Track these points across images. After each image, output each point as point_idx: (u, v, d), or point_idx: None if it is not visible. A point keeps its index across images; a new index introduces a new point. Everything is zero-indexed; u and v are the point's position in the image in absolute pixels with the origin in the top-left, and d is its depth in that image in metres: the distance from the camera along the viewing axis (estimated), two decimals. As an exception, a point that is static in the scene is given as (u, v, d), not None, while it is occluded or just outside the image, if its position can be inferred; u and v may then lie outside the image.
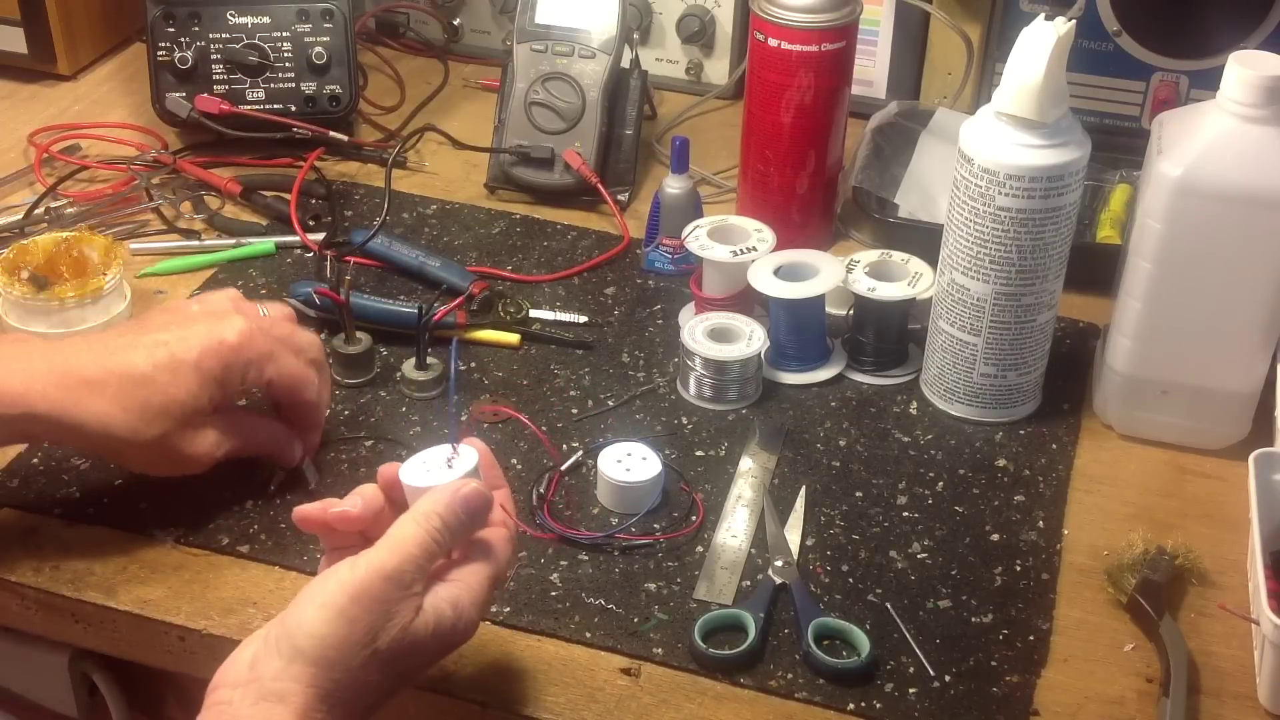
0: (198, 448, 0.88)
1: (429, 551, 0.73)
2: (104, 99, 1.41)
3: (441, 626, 0.73)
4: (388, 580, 0.71)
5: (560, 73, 1.26)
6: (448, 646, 0.75)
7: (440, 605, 0.73)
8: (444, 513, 0.74)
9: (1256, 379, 0.99)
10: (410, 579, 0.71)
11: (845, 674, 0.84)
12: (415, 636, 0.71)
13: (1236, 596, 0.90)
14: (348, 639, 0.69)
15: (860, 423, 1.04)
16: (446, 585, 0.74)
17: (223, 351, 0.87)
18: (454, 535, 0.74)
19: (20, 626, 0.92)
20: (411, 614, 0.71)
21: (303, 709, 0.68)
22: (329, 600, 0.70)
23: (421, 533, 0.73)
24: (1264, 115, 0.91)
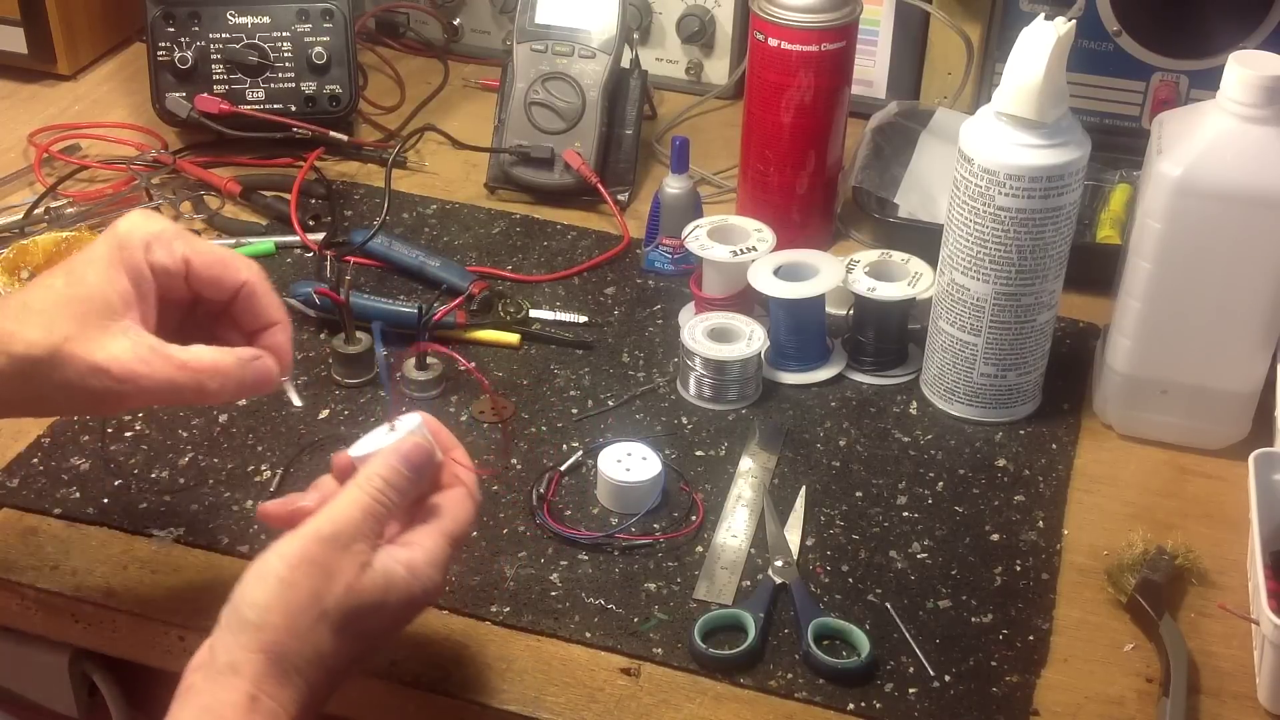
0: (110, 350, 0.74)
1: (370, 511, 0.73)
2: (104, 99, 1.41)
3: (396, 585, 0.72)
4: (324, 542, 0.71)
5: (560, 73, 1.26)
6: (410, 607, 0.74)
7: (391, 565, 0.73)
8: (384, 472, 0.74)
9: (1256, 379, 0.99)
10: (349, 539, 0.71)
11: (845, 674, 0.84)
12: (365, 596, 0.71)
13: (1236, 596, 0.90)
14: (291, 603, 0.70)
15: (860, 423, 1.04)
16: (399, 547, 0.74)
17: (114, 235, 0.77)
18: (399, 492, 0.74)
19: (20, 626, 0.92)
20: (355, 572, 0.71)
21: (256, 676, 0.69)
22: (269, 570, 0.70)
23: (361, 494, 0.73)
24: (1264, 115, 0.91)
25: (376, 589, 0.72)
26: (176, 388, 0.76)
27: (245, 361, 0.78)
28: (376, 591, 0.72)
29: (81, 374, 0.74)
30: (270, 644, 0.69)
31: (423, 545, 0.74)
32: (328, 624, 0.70)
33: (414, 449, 0.75)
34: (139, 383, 0.75)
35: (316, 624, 0.70)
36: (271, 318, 0.81)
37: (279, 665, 0.69)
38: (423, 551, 0.74)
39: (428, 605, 0.76)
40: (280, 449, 0.99)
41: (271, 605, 0.70)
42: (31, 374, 0.75)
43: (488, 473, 0.84)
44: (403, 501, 0.75)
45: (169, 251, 0.77)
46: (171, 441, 1.00)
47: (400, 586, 0.73)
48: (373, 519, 0.73)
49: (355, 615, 0.71)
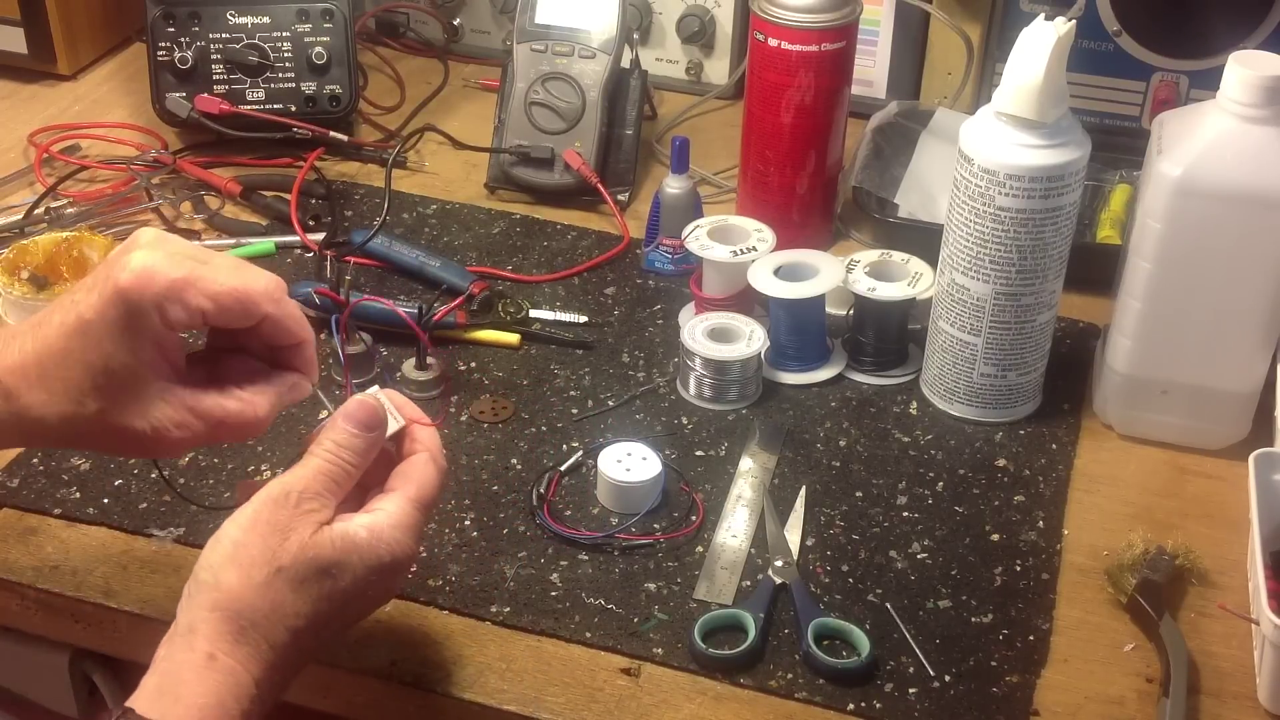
0: (151, 422, 0.74)
1: (323, 471, 0.74)
2: (104, 99, 1.41)
3: (357, 543, 0.73)
4: (275, 502, 0.72)
5: (560, 73, 1.26)
6: (380, 571, 0.74)
7: (350, 526, 0.73)
8: (333, 434, 0.75)
9: (1256, 379, 0.99)
10: (299, 498, 0.72)
11: (845, 674, 0.84)
12: (322, 552, 0.71)
13: (1236, 596, 0.90)
14: (243, 560, 0.70)
15: (860, 423, 1.04)
16: (362, 513, 0.75)
17: (124, 299, 0.72)
18: (352, 450, 0.75)
19: (20, 626, 0.92)
20: (311, 530, 0.72)
21: (212, 634, 0.69)
22: (223, 535, 0.72)
23: (313, 458, 0.74)
24: (1264, 115, 0.91)
25: (334, 547, 0.72)
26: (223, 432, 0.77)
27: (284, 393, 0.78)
28: (334, 549, 0.72)
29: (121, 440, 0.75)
30: (224, 602, 0.70)
31: (385, 509, 0.75)
32: (284, 580, 0.71)
33: (358, 407, 0.76)
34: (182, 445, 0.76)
35: (271, 580, 0.70)
36: (296, 337, 0.78)
37: (234, 622, 0.70)
38: (385, 515, 0.74)
39: (400, 572, 0.76)
40: (280, 449, 0.99)
41: (225, 565, 0.70)
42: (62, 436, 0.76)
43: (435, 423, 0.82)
44: (357, 459, 0.75)
45: (185, 308, 0.73)
46: (171, 441, 1.00)
47: (362, 547, 0.73)
48: (324, 477, 0.74)
49: (314, 572, 0.71)
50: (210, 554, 0.71)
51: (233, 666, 0.69)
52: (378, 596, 0.77)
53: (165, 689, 0.69)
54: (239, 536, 0.71)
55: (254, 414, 0.77)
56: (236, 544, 0.71)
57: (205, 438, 0.76)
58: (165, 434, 0.75)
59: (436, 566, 0.91)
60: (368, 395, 0.78)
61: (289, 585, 0.71)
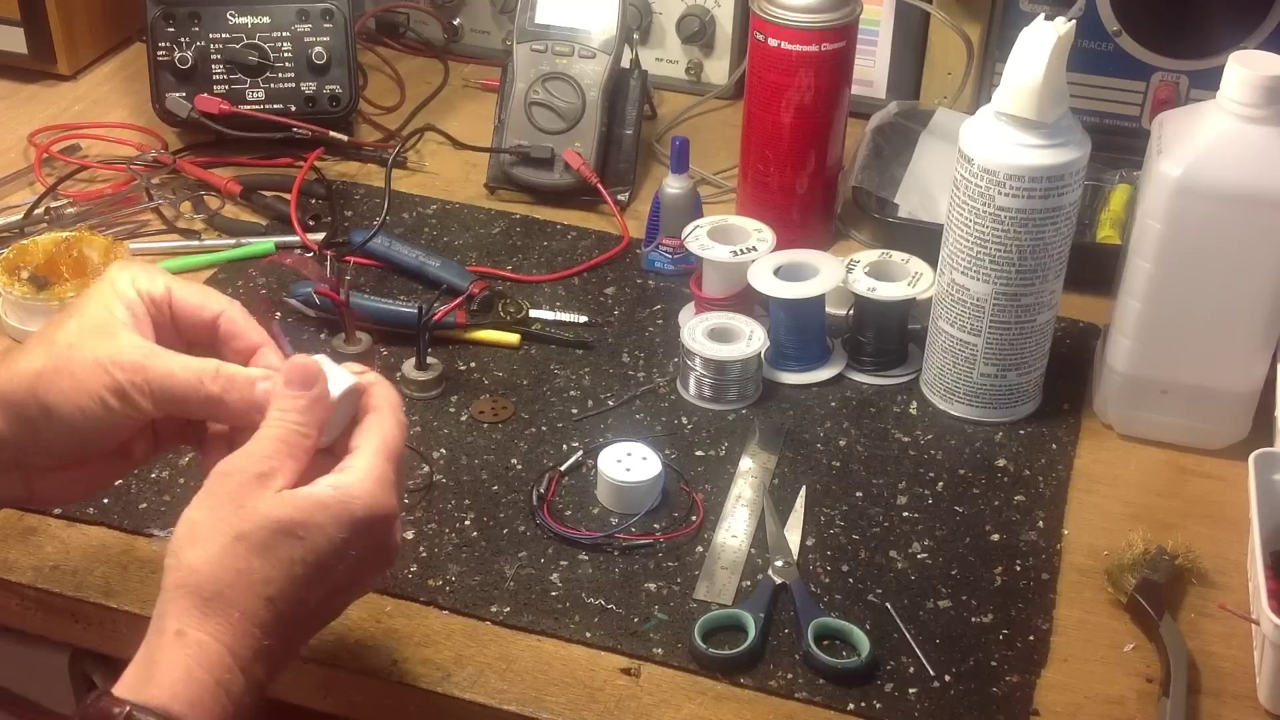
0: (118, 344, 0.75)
1: (270, 435, 0.73)
2: (104, 99, 1.41)
3: (323, 502, 0.71)
4: (221, 474, 0.71)
5: (560, 73, 1.26)
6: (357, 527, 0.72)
7: (315, 487, 0.72)
8: (275, 401, 0.74)
9: (1256, 379, 0.99)
10: (251, 464, 0.71)
11: (845, 674, 0.84)
12: (282, 514, 0.70)
13: (1236, 596, 0.90)
14: (201, 535, 0.70)
15: (860, 423, 1.04)
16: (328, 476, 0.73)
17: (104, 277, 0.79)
18: (297, 410, 0.73)
19: (20, 626, 0.92)
20: (269, 494, 0.71)
21: (179, 612, 0.69)
22: (181, 519, 0.71)
23: (262, 428, 0.73)
24: (1264, 115, 0.91)
25: (297, 508, 0.71)
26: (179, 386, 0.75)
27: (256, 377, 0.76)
28: (297, 509, 0.71)
29: (89, 371, 0.74)
30: (185, 579, 0.70)
31: (352, 465, 0.73)
32: (246, 547, 0.70)
33: (292, 368, 0.74)
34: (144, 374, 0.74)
35: (231, 547, 0.70)
36: (254, 340, 0.80)
37: (198, 596, 0.69)
38: (352, 472, 0.73)
39: (381, 527, 0.73)
40: (280, 449, 0.99)
41: (182, 544, 0.70)
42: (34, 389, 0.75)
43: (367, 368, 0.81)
44: (305, 418, 0.74)
45: (151, 280, 0.79)
46: (171, 441, 1.00)
47: (330, 504, 0.71)
48: (274, 441, 0.72)
49: (277, 535, 0.70)
50: (173, 539, 0.71)
51: (201, 639, 0.69)
52: (369, 556, 0.74)
53: (140, 672, 0.69)
54: (194, 514, 0.71)
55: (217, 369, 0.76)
56: (193, 522, 0.71)
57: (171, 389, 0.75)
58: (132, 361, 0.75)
59: (436, 566, 0.91)
60: (303, 355, 0.76)
61: (253, 551, 0.70)
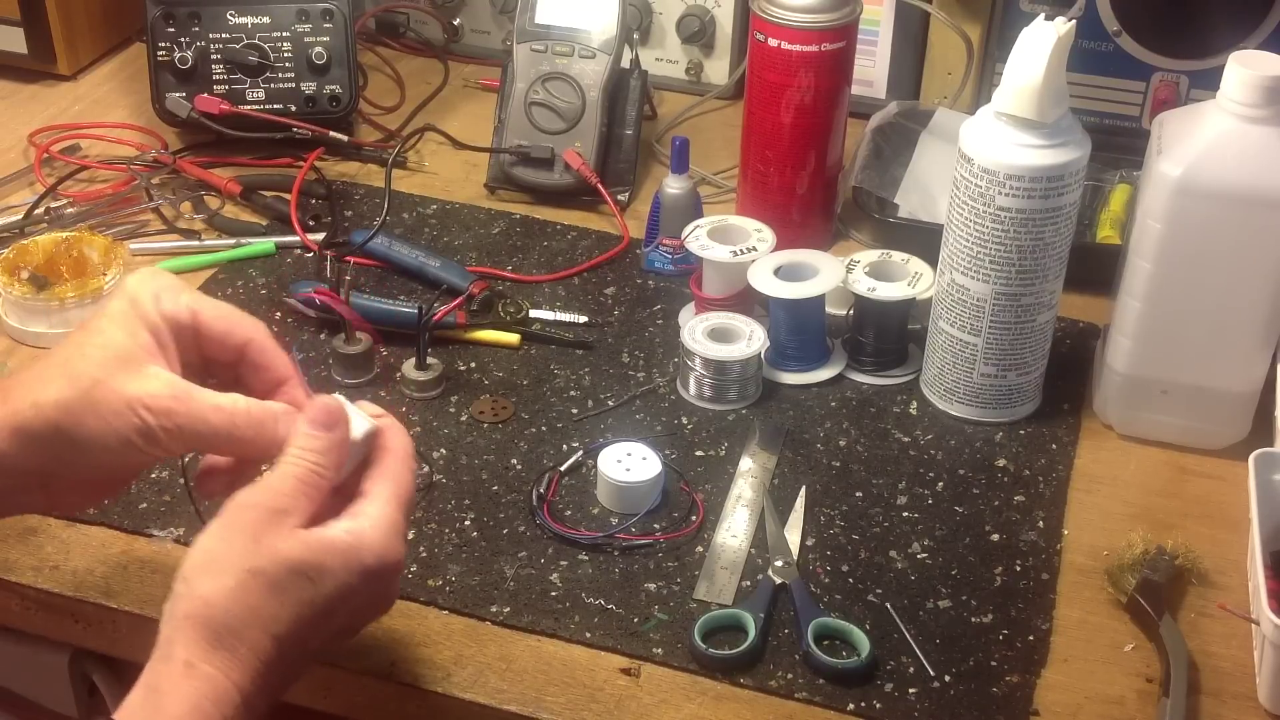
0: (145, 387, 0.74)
1: (290, 473, 0.72)
2: (104, 99, 1.41)
3: (336, 546, 0.71)
4: (243, 507, 0.71)
5: (560, 73, 1.26)
6: (365, 575, 0.72)
7: (328, 530, 0.72)
8: (298, 440, 0.74)
9: (1256, 379, 0.99)
10: (269, 501, 0.71)
11: (845, 674, 0.84)
12: (294, 554, 0.70)
13: (1236, 596, 0.90)
14: (215, 568, 0.69)
15: (860, 423, 1.04)
16: (341, 519, 0.73)
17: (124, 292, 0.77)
18: (318, 452, 0.73)
19: (20, 626, 0.92)
20: (285, 532, 0.71)
21: (188, 642, 0.69)
22: (196, 543, 0.71)
23: (281, 464, 0.73)
24: (1264, 115, 0.91)
25: (310, 549, 0.71)
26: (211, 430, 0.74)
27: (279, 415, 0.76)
28: (310, 551, 0.71)
29: (117, 412, 0.73)
30: (197, 609, 0.69)
31: (364, 511, 0.74)
32: (259, 584, 0.69)
33: (317, 409, 0.75)
34: (175, 419, 0.73)
35: (246, 583, 0.69)
36: (282, 372, 0.79)
37: (209, 628, 0.69)
38: (366, 518, 0.73)
39: (388, 575, 0.74)
40: (280, 449, 0.99)
41: (197, 572, 0.70)
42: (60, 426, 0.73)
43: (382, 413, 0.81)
44: (326, 460, 0.74)
45: (176, 302, 0.77)
46: (171, 441, 1.00)
47: (341, 548, 0.71)
48: (292, 479, 0.72)
49: (289, 574, 0.70)
50: (184, 563, 0.71)
51: (210, 674, 0.68)
52: (371, 603, 0.75)
53: (146, 701, 0.68)
54: (210, 544, 0.71)
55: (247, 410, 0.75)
56: (208, 551, 0.70)
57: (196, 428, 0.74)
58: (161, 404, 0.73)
59: (436, 566, 0.91)
60: (327, 396, 0.76)
61: (265, 589, 0.70)
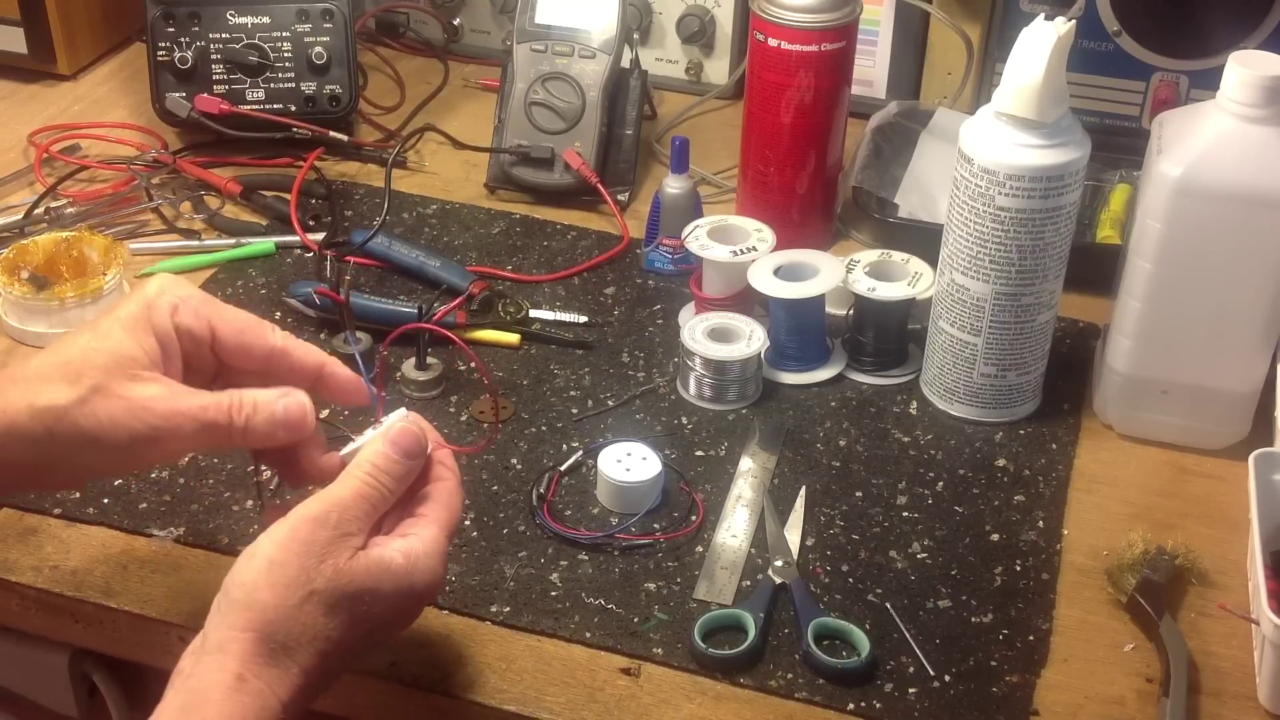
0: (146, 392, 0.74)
1: (364, 495, 0.73)
2: (104, 99, 1.41)
3: (393, 570, 0.72)
4: (313, 522, 0.71)
5: (560, 73, 1.26)
6: (410, 598, 0.74)
7: (386, 552, 0.73)
8: (374, 458, 0.74)
9: (1256, 379, 0.99)
10: (338, 520, 0.71)
11: (845, 674, 0.84)
12: (357, 578, 0.71)
13: (1236, 596, 0.90)
14: (280, 581, 0.70)
15: (860, 423, 1.04)
16: (396, 538, 0.74)
17: (141, 296, 0.77)
18: (391, 476, 0.74)
19: (20, 626, 0.92)
20: (348, 555, 0.71)
21: (243, 655, 0.69)
22: (258, 551, 0.71)
23: (354, 480, 0.73)
24: (1264, 115, 0.91)
25: (370, 573, 0.71)
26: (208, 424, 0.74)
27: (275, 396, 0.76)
28: (370, 575, 0.71)
29: (116, 419, 0.73)
30: (257, 623, 0.69)
31: (420, 535, 0.75)
32: (318, 603, 0.70)
33: (401, 433, 0.75)
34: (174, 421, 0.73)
35: (305, 603, 0.70)
36: (313, 364, 0.79)
37: (266, 644, 0.69)
38: (420, 542, 0.74)
39: (429, 598, 0.76)
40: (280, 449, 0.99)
41: (259, 584, 0.70)
42: (56, 427, 0.73)
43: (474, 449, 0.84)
44: (396, 486, 0.75)
45: (194, 315, 0.76)
46: (171, 441, 0.99)
47: (398, 573, 0.72)
48: (364, 501, 0.73)
49: (348, 597, 0.71)
50: (244, 570, 0.70)
51: (261, 689, 0.69)
52: (402, 622, 0.76)
53: (191, 708, 0.68)
54: (275, 554, 0.70)
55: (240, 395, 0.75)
56: (272, 562, 0.70)
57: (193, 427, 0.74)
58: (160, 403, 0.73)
59: (436, 566, 0.91)
60: (411, 423, 0.77)
61: (321, 609, 0.70)
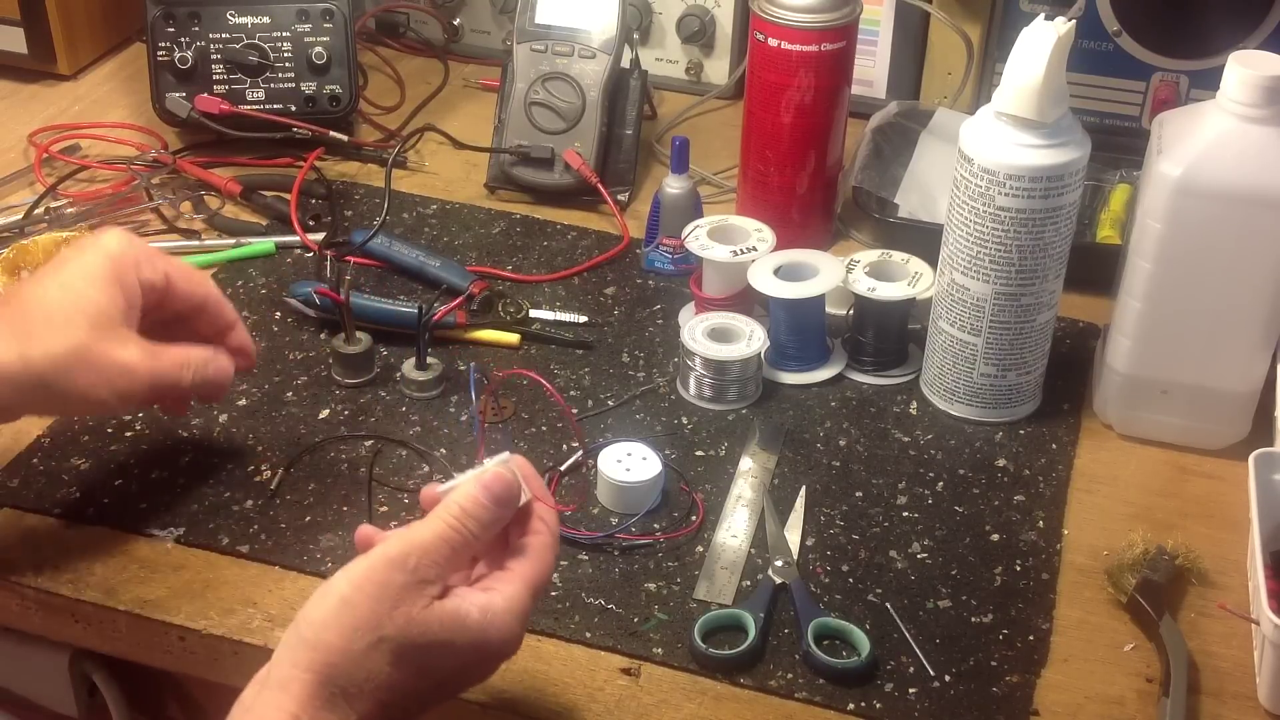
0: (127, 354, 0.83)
1: (447, 539, 0.70)
2: (104, 99, 1.41)
3: (467, 625, 0.70)
4: (391, 564, 0.69)
5: (560, 73, 1.26)
6: (483, 654, 0.72)
7: (463, 605, 0.70)
8: (463, 501, 0.72)
9: (1256, 379, 0.99)
10: (417, 564, 0.69)
11: (845, 674, 0.84)
12: (429, 629, 0.69)
13: (1236, 596, 0.90)
14: (349, 624, 0.68)
15: (860, 423, 1.04)
16: (476, 590, 0.72)
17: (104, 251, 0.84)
18: (478, 522, 0.72)
19: (20, 626, 0.92)
20: (423, 603, 0.69)
21: (304, 696, 0.67)
22: (332, 588, 0.69)
23: (439, 522, 0.71)
24: (1264, 115, 0.91)
25: (443, 625, 0.69)
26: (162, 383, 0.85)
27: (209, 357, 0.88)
28: (443, 628, 0.69)
29: (101, 377, 0.81)
30: (321, 664, 0.67)
31: (501, 591, 0.72)
32: (385, 651, 0.68)
33: (494, 479, 0.73)
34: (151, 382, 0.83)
35: (372, 649, 0.68)
36: (228, 319, 0.92)
37: (327, 688, 0.67)
38: (502, 598, 0.71)
39: (504, 656, 0.73)
40: (280, 449, 0.99)
41: (328, 623, 0.68)
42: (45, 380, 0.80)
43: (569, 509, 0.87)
44: (482, 533, 0.72)
45: (155, 270, 0.85)
46: (171, 441, 1.00)
47: (472, 628, 0.70)
48: (447, 545, 0.70)
49: (417, 648, 0.69)
50: (316, 608, 0.69)
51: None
52: (472, 680, 0.74)
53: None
54: (348, 594, 0.68)
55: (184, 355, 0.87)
56: (344, 601, 0.68)
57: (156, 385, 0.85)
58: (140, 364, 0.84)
59: (436, 566, 0.91)
60: (506, 468, 0.74)
61: (387, 657, 0.68)
